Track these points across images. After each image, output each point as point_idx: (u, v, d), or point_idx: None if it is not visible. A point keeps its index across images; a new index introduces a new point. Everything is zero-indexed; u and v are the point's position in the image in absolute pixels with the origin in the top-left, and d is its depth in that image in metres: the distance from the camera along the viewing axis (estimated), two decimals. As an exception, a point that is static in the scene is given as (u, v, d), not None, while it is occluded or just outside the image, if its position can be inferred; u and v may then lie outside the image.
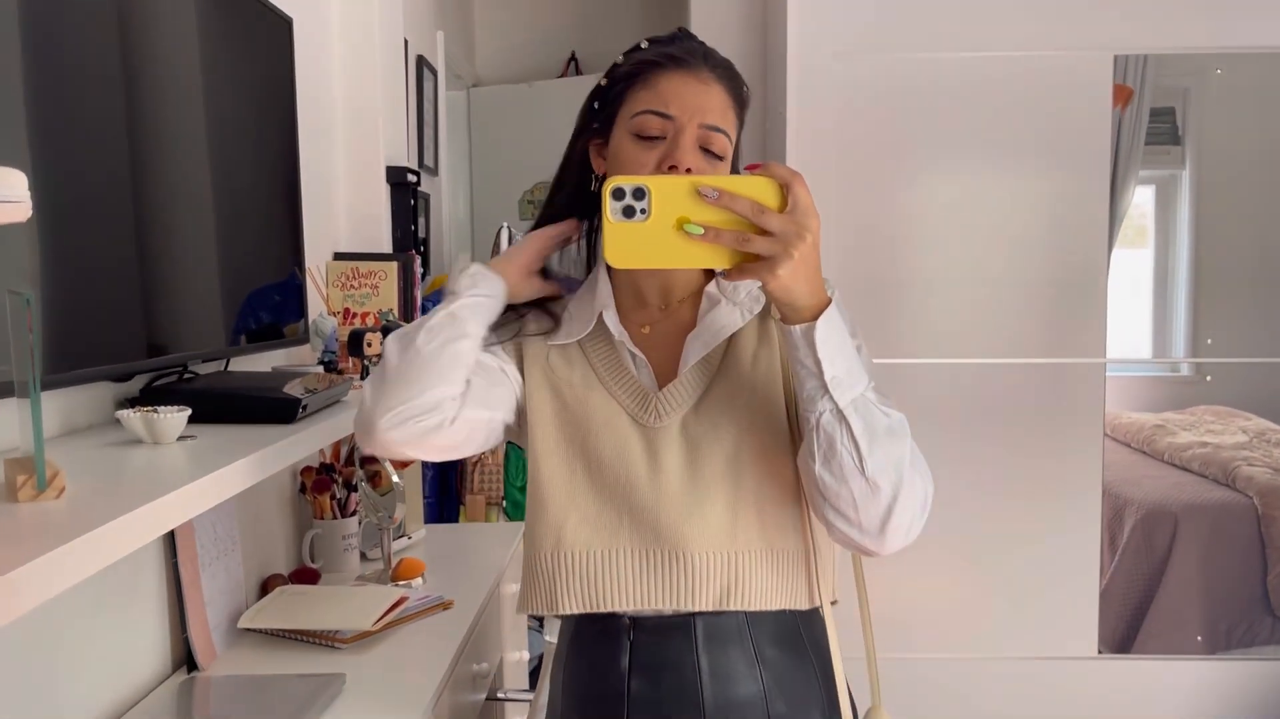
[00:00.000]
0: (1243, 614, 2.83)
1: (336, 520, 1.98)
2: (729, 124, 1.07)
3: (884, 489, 0.97)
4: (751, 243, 0.91)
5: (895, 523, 0.98)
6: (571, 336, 1.13)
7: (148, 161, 1.26)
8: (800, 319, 0.95)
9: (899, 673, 2.61)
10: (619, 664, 1.07)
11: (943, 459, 2.54)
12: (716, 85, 1.06)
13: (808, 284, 0.93)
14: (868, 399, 0.97)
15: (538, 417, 1.11)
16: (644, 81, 1.06)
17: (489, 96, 3.89)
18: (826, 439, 0.96)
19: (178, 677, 1.44)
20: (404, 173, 2.37)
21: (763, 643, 1.06)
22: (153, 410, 1.11)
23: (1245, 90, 3.17)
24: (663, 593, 1.04)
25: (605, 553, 1.06)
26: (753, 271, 0.92)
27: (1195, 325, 3.44)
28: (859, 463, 0.96)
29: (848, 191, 2.54)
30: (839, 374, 0.95)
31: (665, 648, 1.06)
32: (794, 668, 1.08)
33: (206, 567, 1.52)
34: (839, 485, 0.97)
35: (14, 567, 0.65)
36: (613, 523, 1.06)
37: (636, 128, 1.05)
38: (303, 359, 1.90)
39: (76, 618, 1.23)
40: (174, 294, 1.35)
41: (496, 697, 1.89)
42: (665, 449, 1.06)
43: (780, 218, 0.91)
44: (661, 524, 1.04)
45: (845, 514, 0.98)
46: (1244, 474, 3.03)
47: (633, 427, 1.08)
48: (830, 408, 0.96)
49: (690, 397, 1.08)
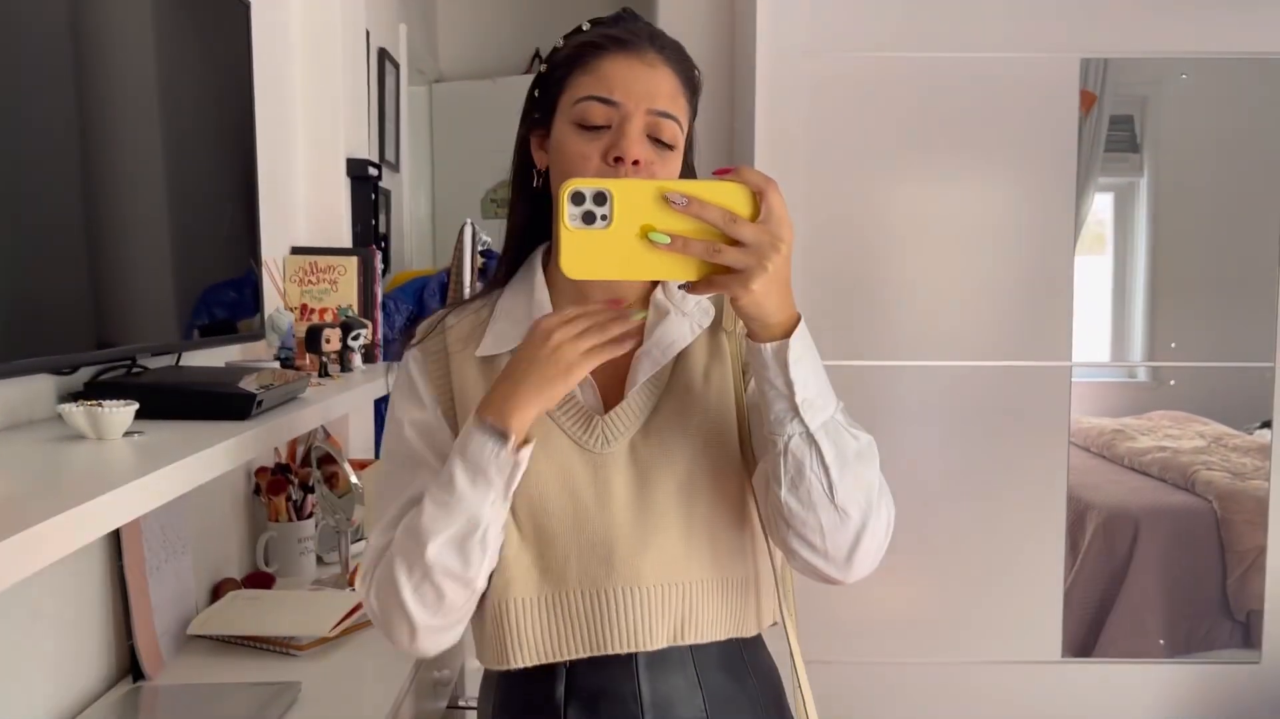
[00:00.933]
0: (1202, 617, 2.85)
1: (292, 523, 1.92)
2: (679, 109, 0.98)
3: (853, 517, 0.92)
4: (722, 254, 0.83)
5: (862, 551, 0.93)
6: (502, 347, 1.01)
7: (97, 150, 1.19)
8: (771, 336, 0.88)
9: (863, 678, 2.60)
10: (555, 694, 1.00)
11: (909, 462, 2.55)
12: (664, 68, 0.98)
13: (780, 298, 0.87)
14: (838, 422, 0.91)
15: None
16: (584, 66, 0.97)
17: (452, 92, 3.83)
18: (795, 464, 0.90)
19: (122, 686, 1.37)
20: (365, 165, 2.31)
21: (705, 669, 1.00)
22: (97, 404, 1.05)
23: (1203, 97, 3.21)
24: (616, 635, 0.97)
25: (552, 599, 0.98)
26: (723, 285, 0.85)
27: (1153, 332, 3.47)
28: (828, 490, 0.90)
29: (815, 191, 2.52)
30: (810, 396, 0.89)
31: (603, 677, 0.99)
32: (737, 693, 1.02)
33: (154, 570, 1.46)
34: (806, 513, 0.91)
35: (-62, 568, 0.60)
36: (559, 565, 0.97)
37: (578, 116, 0.97)
38: (258, 354, 1.84)
39: (11, 625, 1.16)
40: (123, 285, 1.28)
41: (458, 704, 1.85)
42: (614, 476, 0.98)
43: (753, 228, 0.84)
44: (615, 557, 0.97)
45: (811, 542, 0.92)
46: (1203, 478, 3.05)
47: (577, 453, 0.99)
48: (800, 431, 0.89)
49: (638, 418, 1.00)
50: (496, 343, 1.02)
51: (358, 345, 1.85)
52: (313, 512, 1.96)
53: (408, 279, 2.85)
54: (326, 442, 1.95)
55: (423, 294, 2.72)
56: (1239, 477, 3.00)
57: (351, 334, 1.81)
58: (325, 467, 1.91)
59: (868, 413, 1.09)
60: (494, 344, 1.02)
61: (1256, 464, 2.97)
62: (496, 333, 1.03)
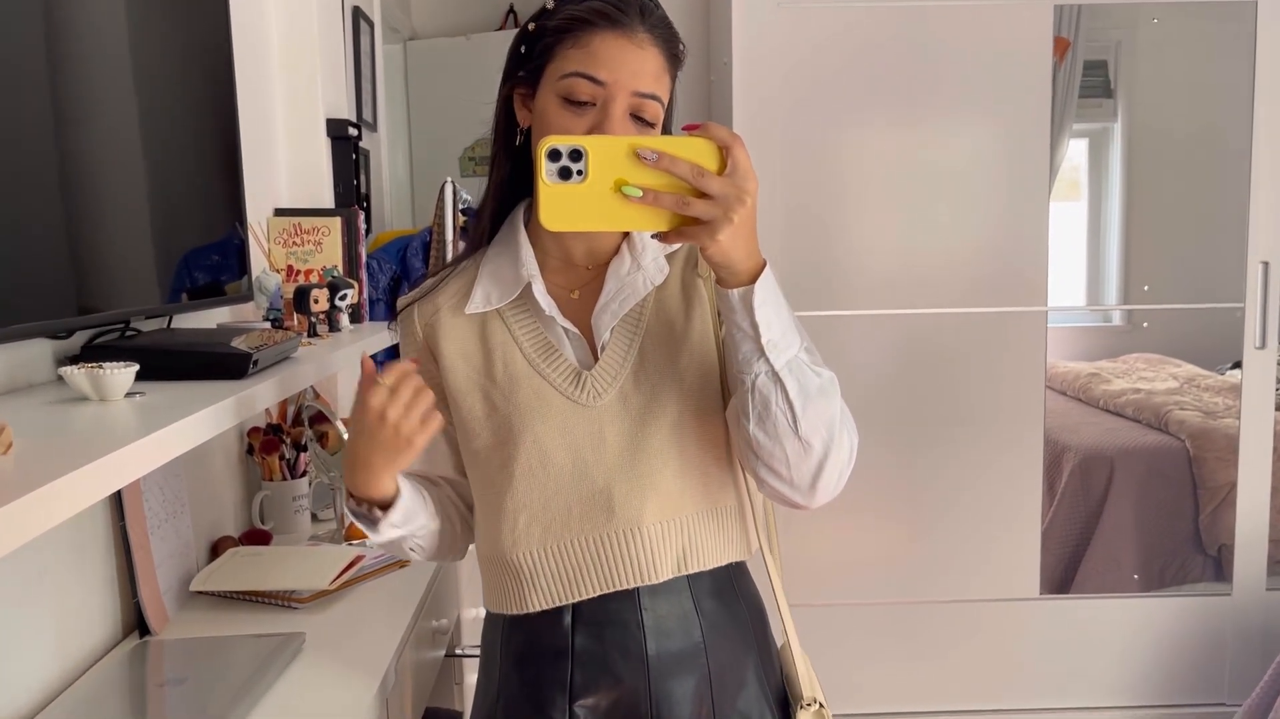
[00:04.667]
0: (1176, 553, 2.93)
1: (286, 482, 1.94)
2: (663, 89, 1.03)
3: (815, 447, 0.98)
4: (691, 206, 0.89)
5: (825, 479, 1.00)
6: (490, 304, 1.08)
7: (74, 115, 1.20)
8: (738, 282, 0.94)
9: (847, 618, 2.67)
10: (561, 623, 1.07)
11: (887, 409, 2.60)
12: (652, 48, 1.02)
13: (745, 247, 0.92)
14: (801, 360, 0.97)
15: (470, 425, 1.08)
16: (575, 39, 1.01)
17: (426, 50, 3.80)
18: (761, 400, 0.96)
19: (130, 642, 1.41)
20: (344, 125, 2.31)
21: (701, 596, 1.08)
22: (98, 366, 1.07)
23: (1175, 42, 3.23)
24: (623, 573, 1.04)
25: (559, 549, 1.05)
26: (691, 235, 0.90)
27: (1127, 276, 3.52)
28: (793, 423, 0.96)
29: (791, 142, 2.54)
30: (775, 337, 0.95)
31: (609, 608, 1.06)
32: (729, 617, 1.10)
33: (155, 529, 1.49)
34: (773, 444, 0.98)
35: (-33, 521, 0.62)
36: (562, 515, 1.04)
37: (565, 90, 1.01)
38: (246, 316, 1.85)
39: (21, 584, 1.19)
40: (111, 251, 1.29)
41: (455, 653, 1.89)
42: (608, 427, 1.05)
43: (720, 181, 0.89)
44: (614, 502, 1.04)
45: (778, 471, 0.99)
46: (1175, 418, 3.12)
47: (572, 409, 1.05)
48: (766, 370, 0.95)
49: (622, 367, 1.06)
50: (484, 301, 1.08)
51: (345, 305, 1.86)
52: (306, 470, 1.99)
53: (390, 239, 2.85)
54: (317, 401, 1.97)
55: (405, 254, 2.72)
56: (1211, 416, 3.07)
57: (339, 294, 1.83)
58: (317, 425, 1.94)
59: (844, 360, 1.15)
60: (482, 302, 1.08)
61: (1228, 403, 3.04)
62: (484, 291, 1.08)
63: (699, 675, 1.07)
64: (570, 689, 1.06)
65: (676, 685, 1.06)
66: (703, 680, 1.07)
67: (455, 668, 1.96)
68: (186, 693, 1.25)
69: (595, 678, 1.06)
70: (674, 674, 1.06)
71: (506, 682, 1.10)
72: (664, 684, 1.06)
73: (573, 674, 1.06)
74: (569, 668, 1.06)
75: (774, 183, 2.53)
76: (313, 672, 1.31)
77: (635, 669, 1.05)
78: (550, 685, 1.07)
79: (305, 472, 1.99)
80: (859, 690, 2.64)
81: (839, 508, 1.08)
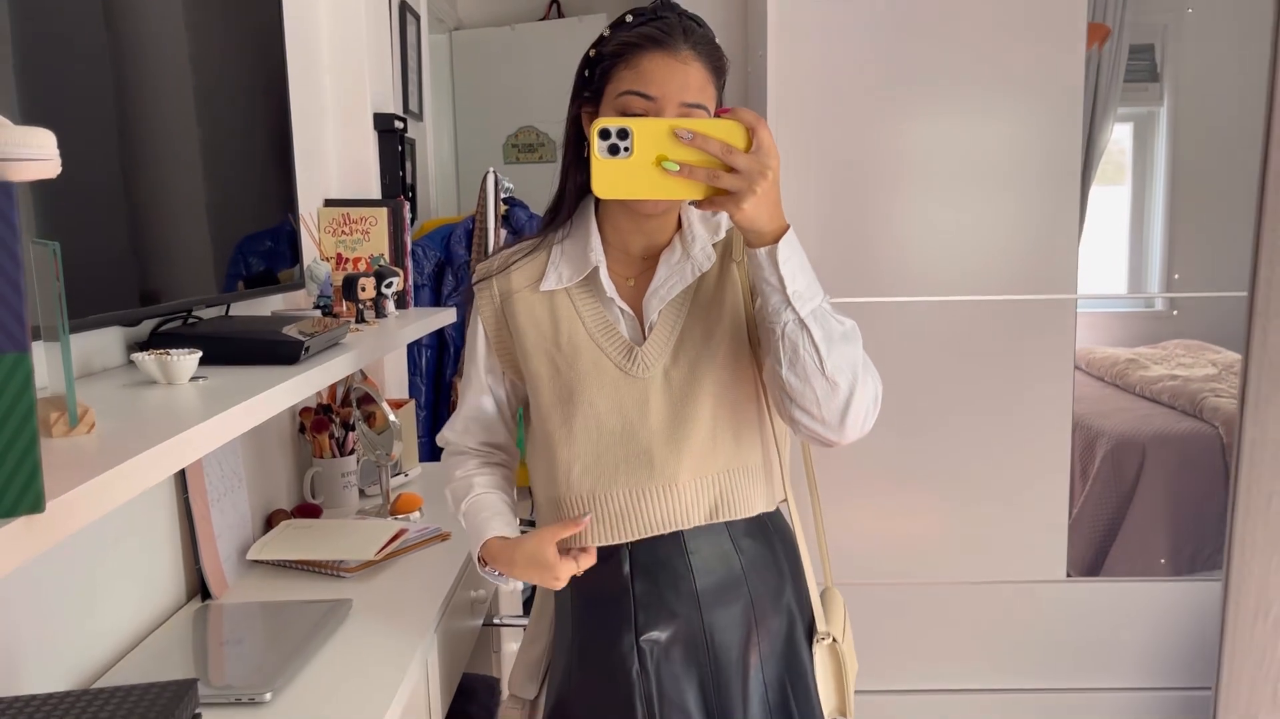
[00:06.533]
0: (1206, 538, 2.95)
1: (336, 459, 2.05)
2: (708, 98, 1.16)
3: (841, 386, 1.11)
4: (720, 179, 1.03)
5: (852, 415, 1.13)
6: (562, 283, 1.25)
7: (137, 119, 1.30)
8: (764, 243, 1.07)
9: (880, 598, 2.74)
10: (622, 571, 1.23)
11: (918, 394, 2.65)
12: (696, 63, 1.15)
13: (769, 213, 1.05)
14: (824, 309, 1.10)
15: (536, 383, 1.25)
16: (627, 62, 1.15)
17: (471, 40, 3.89)
18: (791, 346, 1.09)
19: (193, 605, 1.53)
20: (391, 119, 2.40)
21: (738, 536, 1.24)
22: (165, 353, 1.17)
23: (1222, 26, 3.22)
24: (659, 521, 1.21)
25: (606, 496, 1.21)
26: (721, 204, 1.05)
27: (1170, 260, 3.52)
28: (820, 364, 1.09)
29: (826, 129, 2.59)
30: (799, 288, 1.08)
31: (659, 552, 1.23)
32: (765, 554, 1.26)
33: (215, 502, 1.60)
34: (803, 385, 1.11)
35: (63, 491, 0.72)
36: (610, 468, 1.21)
37: (622, 107, 1.14)
38: (298, 304, 1.96)
39: (97, 552, 1.30)
40: (177, 244, 1.40)
41: (492, 622, 1.99)
42: (653, 396, 1.21)
43: (746, 157, 1.03)
44: (654, 462, 1.20)
45: (809, 410, 1.13)
46: (1210, 405, 3.13)
47: (624, 379, 1.21)
48: (793, 318, 1.08)
49: (668, 344, 1.22)
50: (556, 280, 1.25)
51: (391, 292, 1.97)
52: (354, 448, 2.09)
53: (434, 227, 2.95)
54: (364, 383, 2.08)
55: (450, 241, 2.82)
56: (1245, 403, 3.06)
57: (385, 282, 1.93)
58: (364, 406, 2.04)
59: (879, 347, 1.27)
60: (554, 281, 1.25)
61: (1263, 390, 3.04)
62: (556, 273, 1.26)
63: (743, 603, 1.23)
64: (635, 625, 1.22)
65: (723, 613, 1.23)
66: (746, 607, 1.23)
67: (492, 637, 2.07)
68: (245, 652, 1.36)
69: (655, 614, 1.22)
70: (720, 603, 1.23)
71: (580, 624, 1.27)
72: (712, 613, 1.22)
73: (636, 613, 1.23)
74: (632, 607, 1.22)
75: (807, 171, 2.59)
76: (359, 636, 1.42)
77: (688, 603, 1.22)
78: (617, 623, 1.23)
79: (353, 449, 2.09)
80: (888, 667, 2.71)
81: (872, 489, 1.21)
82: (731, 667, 1.23)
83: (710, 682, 1.23)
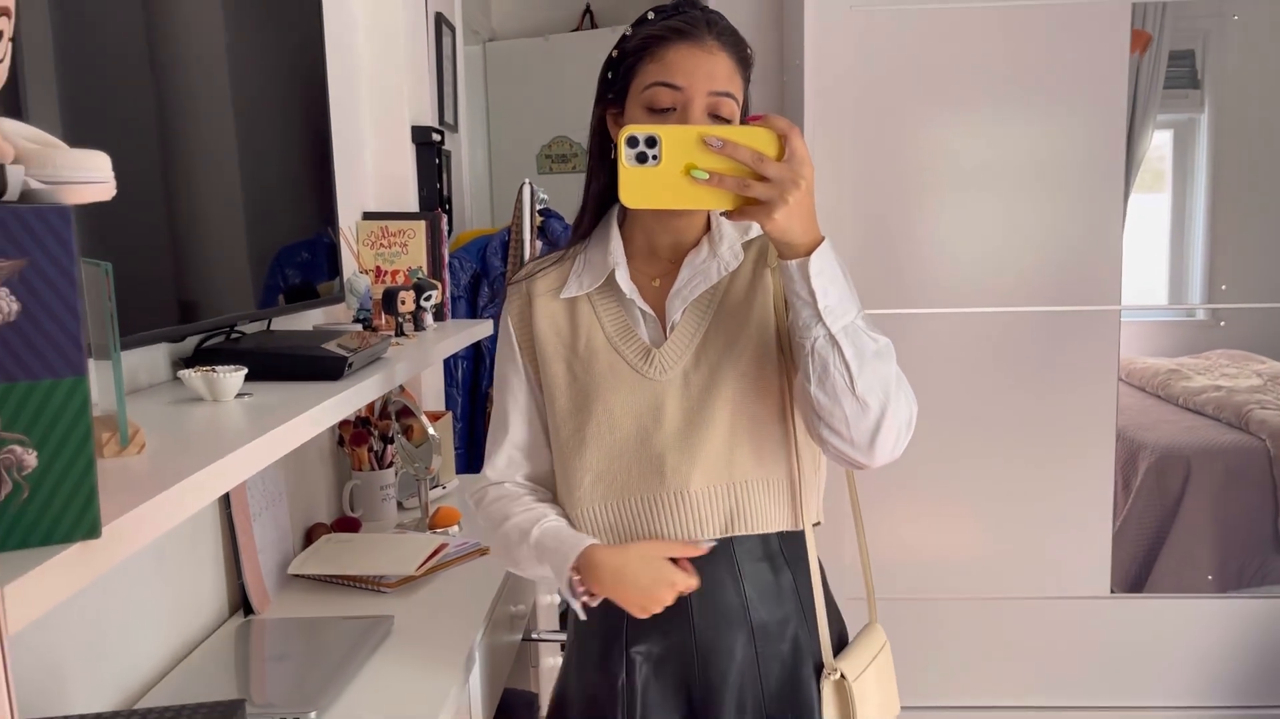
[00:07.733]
0: (1254, 554, 2.89)
1: (375, 472, 2.05)
2: (735, 87, 1.13)
3: (872, 406, 1.06)
4: (751, 188, 0.99)
5: (883, 437, 1.07)
6: (582, 289, 1.22)
7: (182, 134, 1.30)
8: (796, 255, 1.03)
9: (919, 612, 2.70)
10: None
11: (960, 406, 2.62)
12: (721, 53, 1.12)
13: (802, 225, 1.01)
14: (858, 326, 1.05)
15: (553, 391, 1.22)
16: (652, 55, 1.12)
17: (505, 51, 3.90)
18: (820, 362, 1.05)
19: (236, 619, 1.53)
20: (428, 132, 2.41)
21: (744, 560, 1.18)
22: (211, 370, 1.17)
23: (1264, 33, 3.16)
24: (672, 532, 1.16)
25: (618, 504, 1.18)
26: (752, 214, 1.01)
27: (1212, 270, 3.45)
28: (850, 382, 1.04)
29: (863, 141, 2.57)
30: (831, 303, 1.04)
31: None
32: (773, 582, 1.19)
33: (257, 517, 1.60)
34: (832, 404, 1.06)
35: (118, 515, 0.72)
36: (623, 476, 1.17)
37: (648, 100, 1.12)
38: (338, 317, 1.97)
39: (143, 568, 1.31)
40: (219, 258, 1.40)
41: (531, 637, 1.98)
42: (669, 401, 1.17)
43: (778, 166, 0.99)
44: (666, 468, 1.15)
45: (838, 430, 1.07)
46: (1257, 417, 3.07)
47: (640, 382, 1.18)
48: (824, 334, 1.04)
49: (689, 346, 1.18)
50: (577, 286, 1.22)
51: (429, 305, 1.96)
52: (392, 461, 2.09)
53: (470, 239, 2.95)
54: (402, 395, 2.08)
55: (485, 252, 2.83)
56: (1293, 415, 3.01)
57: (424, 295, 1.93)
58: (402, 419, 2.04)
59: (917, 359, 1.22)
60: (575, 288, 1.23)
61: (1313, 403, 2.98)
62: (577, 279, 1.23)
63: (744, 631, 1.18)
64: (625, 636, 1.20)
65: (721, 638, 1.17)
66: (748, 636, 1.18)
67: (531, 651, 2.06)
68: (288, 669, 1.36)
69: (647, 628, 1.18)
70: (717, 627, 1.18)
71: (579, 625, 1.24)
72: (708, 635, 1.17)
73: (626, 623, 1.19)
74: (623, 618, 1.17)
75: (845, 182, 2.56)
76: (401, 653, 1.41)
77: (680, 622, 1.17)
78: (610, 633, 1.21)
79: (392, 462, 2.09)
80: (932, 683, 2.67)
81: (914, 503, 1.16)
82: (726, 693, 1.18)
83: (699, 704, 1.19)
